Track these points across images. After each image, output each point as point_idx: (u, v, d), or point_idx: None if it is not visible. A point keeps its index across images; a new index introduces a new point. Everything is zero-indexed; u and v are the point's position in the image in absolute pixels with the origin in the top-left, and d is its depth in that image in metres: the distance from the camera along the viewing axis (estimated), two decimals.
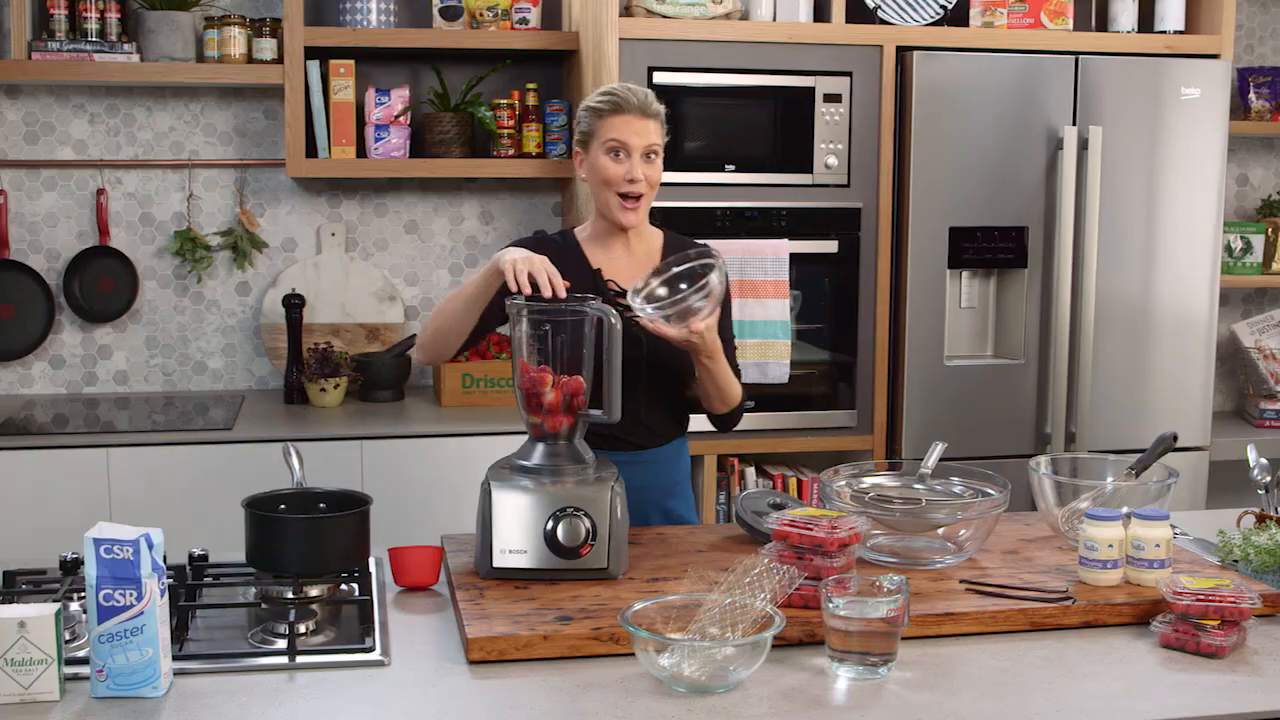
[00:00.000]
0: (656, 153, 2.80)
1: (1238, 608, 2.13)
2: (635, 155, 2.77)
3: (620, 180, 2.78)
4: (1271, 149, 5.02)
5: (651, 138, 2.79)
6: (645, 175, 2.78)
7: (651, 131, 2.79)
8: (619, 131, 2.77)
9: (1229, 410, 5.01)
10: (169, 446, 3.71)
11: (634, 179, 2.77)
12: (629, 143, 2.76)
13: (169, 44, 4.10)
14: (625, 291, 2.76)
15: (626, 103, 2.78)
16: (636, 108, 2.78)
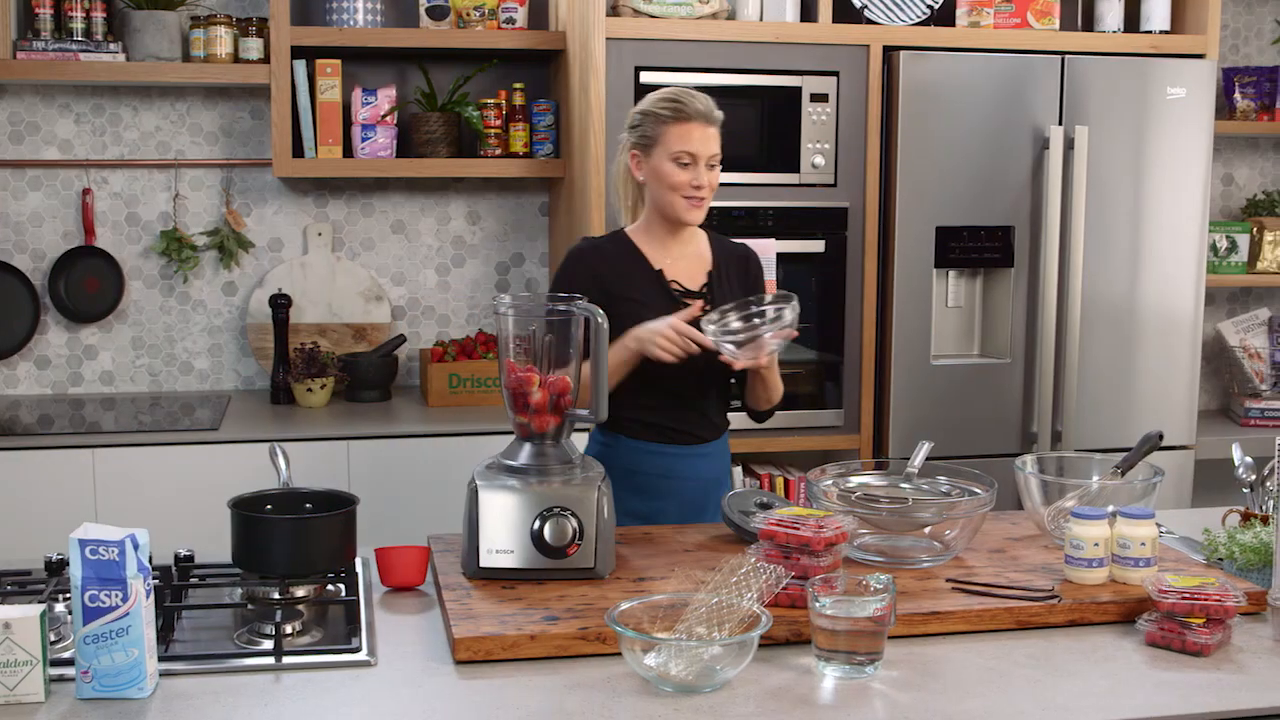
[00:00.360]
0: (718, 162, 2.88)
1: (1223, 606, 2.13)
2: (701, 164, 2.84)
3: (686, 187, 2.85)
4: (1256, 149, 5.04)
5: (714, 147, 2.86)
6: (709, 182, 2.86)
7: (713, 140, 2.86)
8: (685, 142, 2.84)
9: (1214, 409, 5.03)
10: (155, 447, 3.70)
11: (699, 185, 2.85)
12: (696, 153, 2.84)
13: (155, 43, 4.09)
14: (687, 291, 2.92)
15: (693, 111, 2.85)
16: (701, 116, 2.85)
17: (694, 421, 2.97)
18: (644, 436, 2.96)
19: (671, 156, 2.84)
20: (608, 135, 3.83)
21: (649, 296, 2.89)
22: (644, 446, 2.96)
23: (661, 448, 2.96)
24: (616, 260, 2.92)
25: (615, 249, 2.95)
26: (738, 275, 3.01)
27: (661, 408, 2.93)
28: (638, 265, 2.93)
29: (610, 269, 2.91)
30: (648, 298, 2.89)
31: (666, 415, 2.94)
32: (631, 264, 2.93)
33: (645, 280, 2.91)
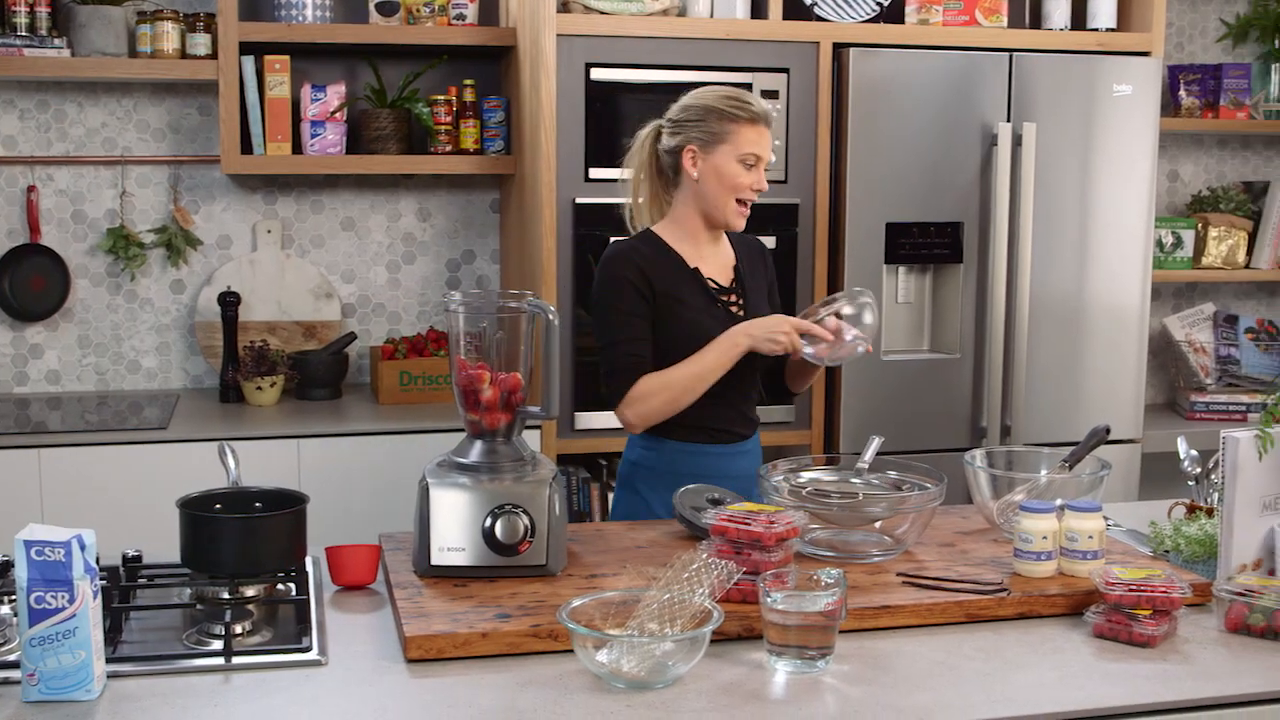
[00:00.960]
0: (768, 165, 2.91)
1: (1169, 597, 2.15)
2: (760, 166, 2.86)
3: (747, 189, 2.86)
4: (1201, 145, 5.09)
5: (771, 150, 2.90)
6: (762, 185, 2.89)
7: (770, 143, 2.89)
8: (756, 145, 2.84)
9: (1160, 403, 5.08)
10: (102, 447, 3.67)
11: (761, 186, 2.87)
12: (762, 155, 2.86)
13: (100, 39, 4.05)
14: (721, 287, 2.93)
15: (762, 114, 2.86)
16: (766, 119, 2.87)
17: (733, 419, 2.96)
18: (687, 438, 2.92)
19: (740, 157, 2.83)
20: (558, 132, 3.83)
21: (690, 295, 2.89)
22: (687, 448, 2.92)
23: (704, 448, 2.93)
24: (655, 260, 2.88)
25: (651, 249, 2.91)
26: (760, 268, 3.05)
27: (703, 408, 2.88)
28: (674, 264, 2.90)
29: (652, 268, 2.87)
30: (689, 296, 2.88)
31: (708, 415, 2.90)
32: (669, 263, 2.90)
33: (684, 279, 2.90)
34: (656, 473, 2.94)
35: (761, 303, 3.00)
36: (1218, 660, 2.09)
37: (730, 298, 2.95)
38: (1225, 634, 2.20)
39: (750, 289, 2.99)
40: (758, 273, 3.03)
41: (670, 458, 2.93)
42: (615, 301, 2.84)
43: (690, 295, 2.88)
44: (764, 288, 3.04)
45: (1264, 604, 2.17)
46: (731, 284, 2.96)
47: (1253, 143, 5.13)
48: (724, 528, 2.22)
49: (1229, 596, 2.21)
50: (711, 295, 2.92)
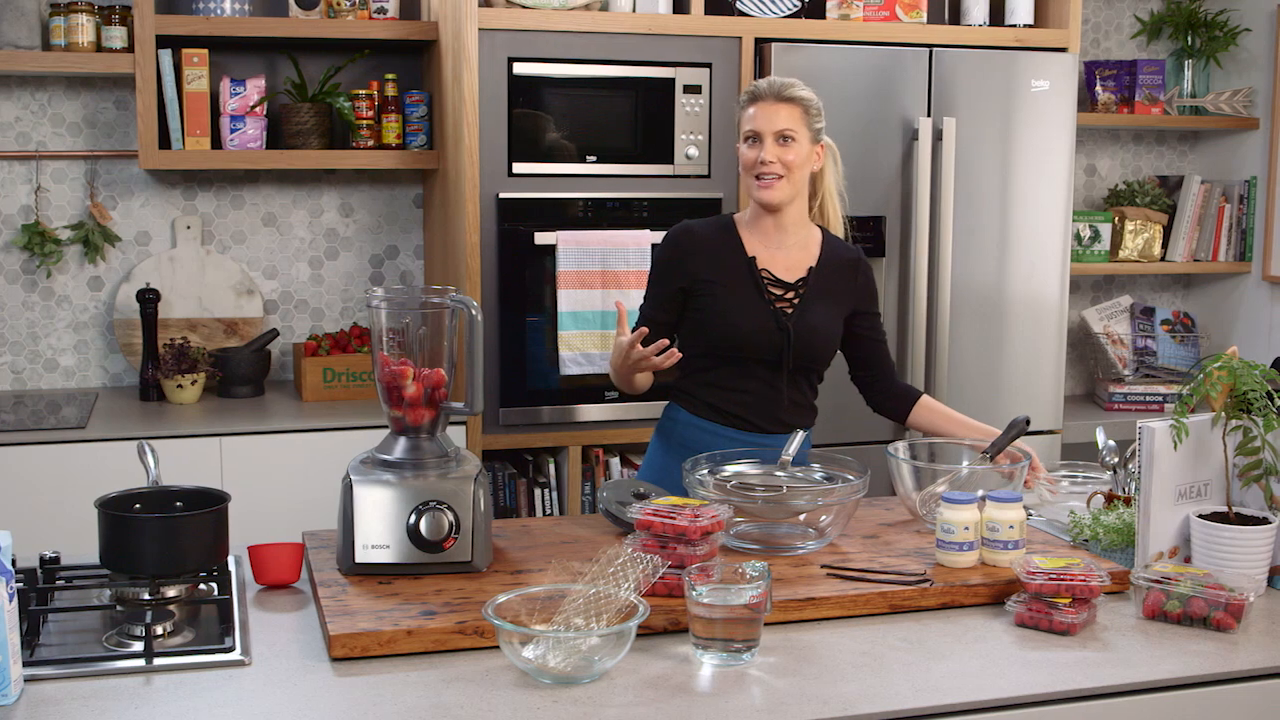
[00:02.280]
0: (792, 136, 2.89)
1: (1088, 586, 2.19)
2: (767, 140, 2.88)
3: (753, 164, 2.90)
4: (1117, 140, 5.17)
5: (783, 122, 2.88)
6: (779, 157, 2.88)
7: (784, 116, 2.89)
8: (753, 121, 2.90)
9: (1080, 394, 5.15)
10: (19, 447, 3.61)
11: (765, 161, 2.87)
12: (760, 129, 2.88)
13: (12, 31, 3.98)
14: (779, 281, 2.95)
15: (760, 91, 2.92)
16: (770, 94, 2.90)
17: (757, 411, 2.97)
18: (700, 413, 2.99)
19: (743, 138, 2.92)
20: (481, 126, 3.81)
21: (733, 280, 2.93)
22: (697, 422, 2.99)
23: (713, 427, 2.98)
24: (709, 243, 2.97)
25: (711, 232, 3.00)
26: (844, 279, 3.01)
27: (724, 389, 2.96)
28: (731, 249, 2.96)
29: (699, 251, 2.96)
30: (732, 281, 2.93)
31: (727, 397, 2.96)
32: (725, 248, 2.96)
33: (734, 265, 2.95)
34: (669, 439, 3.04)
35: (827, 311, 2.98)
36: (1136, 647, 2.12)
37: (784, 293, 2.95)
38: (1143, 621, 2.23)
39: (816, 293, 2.96)
40: (838, 284, 3.00)
41: (683, 429, 3.01)
42: (652, 270, 3.04)
43: (734, 281, 2.94)
44: (841, 300, 3.00)
45: (1180, 591, 2.21)
46: (797, 281, 2.96)
47: (1167, 138, 5.21)
48: (649, 522, 2.22)
49: (1146, 584, 2.24)
50: (759, 286, 2.94)
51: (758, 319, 2.92)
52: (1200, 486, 2.40)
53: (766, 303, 2.94)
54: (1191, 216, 4.98)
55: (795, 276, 2.97)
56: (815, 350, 2.97)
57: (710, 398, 2.98)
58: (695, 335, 2.97)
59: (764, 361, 2.94)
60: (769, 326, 2.92)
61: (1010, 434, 2.75)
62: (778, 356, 2.93)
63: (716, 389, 2.97)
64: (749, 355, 2.93)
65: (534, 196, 3.87)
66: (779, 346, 2.93)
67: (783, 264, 2.98)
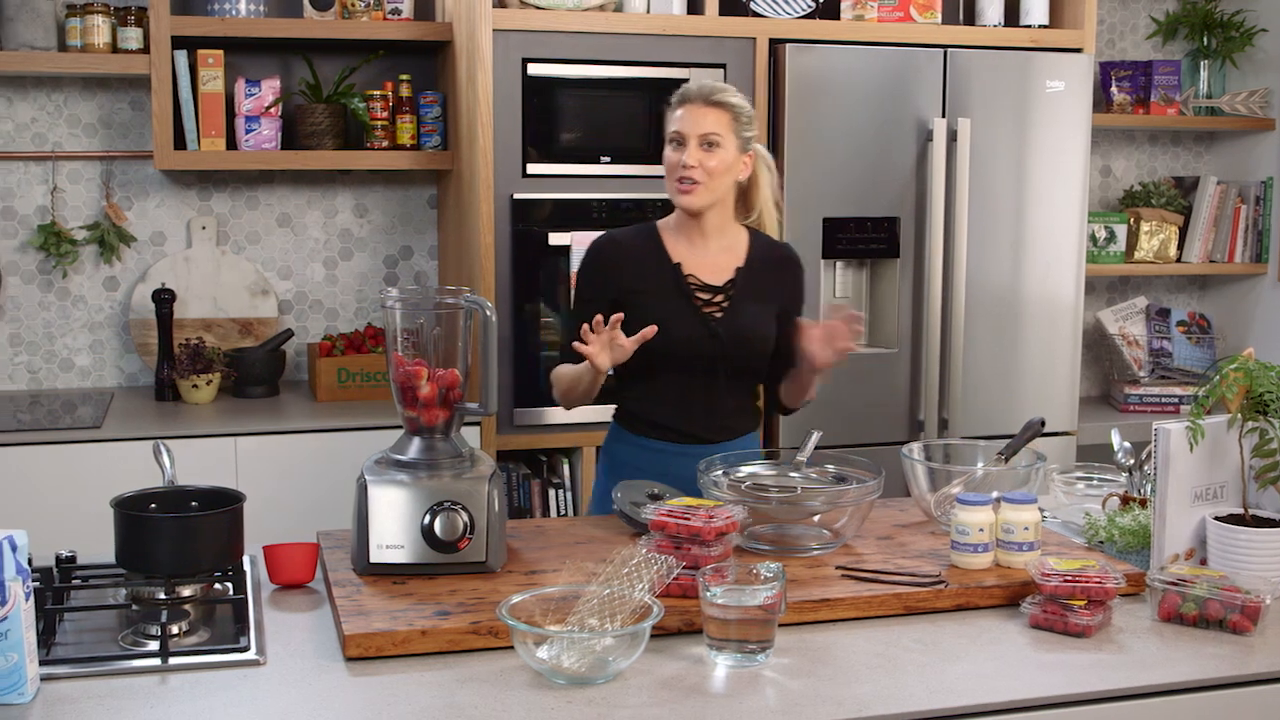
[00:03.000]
0: (717, 142, 2.81)
1: (1103, 588, 2.18)
2: (690, 143, 2.80)
3: (675, 167, 2.83)
4: (1132, 141, 5.15)
5: (709, 126, 2.81)
6: (701, 162, 2.81)
7: (711, 120, 2.81)
8: (678, 123, 2.83)
9: (1095, 396, 5.14)
10: (35, 446, 3.62)
11: (686, 165, 2.80)
12: (684, 132, 2.81)
13: (29, 32, 3.99)
14: (707, 286, 2.88)
15: (688, 93, 2.85)
16: (698, 97, 2.83)
17: (697, 422, 2.90)
18: (640, 431, 2.94)
19: (668, 140, 2.85)
20: (495, 127, 3.82)
21: (661, 290, 2.87)
22: (638, 441, 2.94)
23: (656, 444, 2.92)
24: (633, 253, 2.90)
25: (636, 241, 2.93)
26: (774, 277, 2.96)
27: (662, 403, 2.90)
28: (656, 258, 2.90)
29: (624, 262, 2.89)
30: (659, 291, 2.87)
31: (665, 411, 2.90)
32: (649, 256, 2.90)
33: (660, 273, 2.88)
34: (614, 460, 2.99)
35: (758, 312, 2.92)
36: (1151, 649, 2.12)
37: (712, 297, 2.89)
38: (1159, 623, 2.23)
39: (745, 295, 2.91)
40: (768, 283, 2.94)
41: (626, 450, 2.96)
42: (578, 286, 2.96)
43: (661, 289, 2.87)
44: (771, 298, 2.94)
45: (1196, 593, 2.20)
46: (726, 284, 2.90)
47: (1183, 138, 5.20)
48: (664, 522, 2.22)
49: (1162, 586, 2.23)
50: (686, 292, 2.88)
51: (687, 326, 2.85)
52: (1216, 488, 2.39)
53: (695, 309, 2.87)
54: (1207, 217, 4.97)
55: (723, 279, 2.90)
56: (749, 353, 2.91)
57: (650, 414, 2.92)
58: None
59: (699, 370, 2.87)
60: (700, 333, 2.86)
61: (1025, 435, 2.74)
62: (712, 363, 2.87)
63: (654, 403, 2.91)
64: (683, 365, 2.86)
65: (548, 197, 3.87)
66: (712, 353, 2.86)
67: (709, 268, 2.90)
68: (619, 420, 3.01)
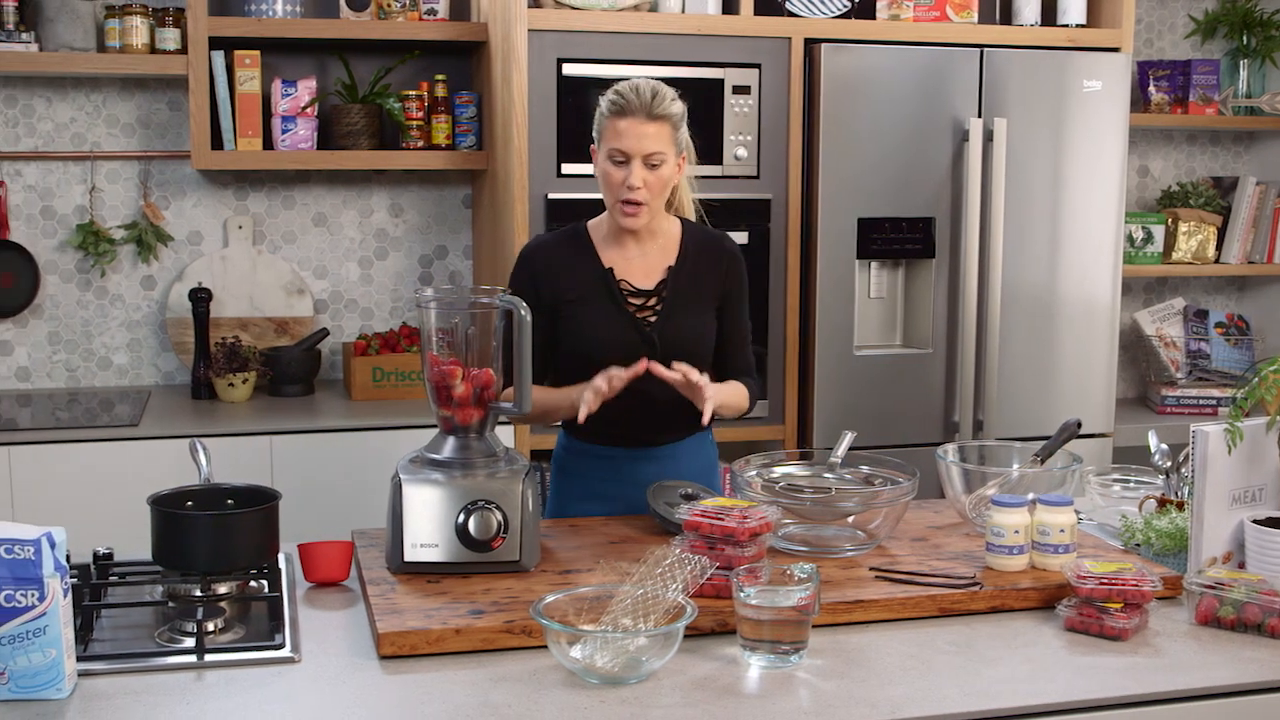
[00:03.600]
0: (662, 159, 2.70)
1: (1140, 591, 2.17)
2: (635, 162, 2.68)
3: (619, 187, 2.70)
4: (1171, 141, 5.12)
5: (653, 144, 2.68)
6: (646, 182, 2.69)
7: (654, 138, 2.68)
8: (619, 139, 2.68)
9: (1131, 397, 5.11)
10: (73, 444, 3.65)
11: (631, 186, 2.68)
12: (628, 149, 2.68)
13: (69, 33, 4.03)
14: (638, 290, 2.81)
15: (629, 105, 2.68)
16: (640, 110, 2.68)
17: (641, 425, 2.82)
18: (587, 439, 2.89)
19: (608, 154, 2.71)
20: (530, 127, 3.82)
21: (592, 296, 2.79)
22: (588, 449, 2.90)
23: (605, 450, 2.87)
24: (563, 259, 2.81)
25: (565, 247, 2.84)
26: (709, 269, 2.86)
27: (605, 409, 2.69)
28: (586, 263, 2.81)
29: (554, 269, 2.80)
30: (591, 297, 2.79)
31: (609, 417, 2.72)
32: (580, 262, 2.81)
33: (591, 279, 2.80)
34: (564, 470, 2.96)
35: (696, 311, 2.84)
36: (1188, 653, 2.10)
37: (645, 301, 2.81)
38: (1196, 627, 2.21)
39: (678, 296, 2.82)
40: (703, 277, 2.85)
41: (575, 458, 2.93)
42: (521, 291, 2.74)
43: (595, 296, 2.79)
44: (708, 293, 2.85)
45: (1234, 597, 2.18)
46: (657, 285, 2.82)
47: (1221, 138, 5.16)
48: (698, 523, 2.22)
49: (1199, 590, 2.22)
50: (617, 298, 2.79)
51: (620, 333, 2.77)
52: (1254, 491, 2.38)
53: (627, 315, 2.79)
54: (1246, 218, 4.93)
55: (654, 280, 2.82)
56: (686, 356, 2.75)
57: (595, 421, 2.70)
58: (564, 358, 2.82)
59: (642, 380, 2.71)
60: (633, 339, 2.77)
61: (1061, 437, 2.73)
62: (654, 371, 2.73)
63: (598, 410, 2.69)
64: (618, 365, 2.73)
65: (583, 197, 3.87)
66: (648, 358, 2.71)
67: (640, 271, 2.82)
68: (566, 428, 2.95)
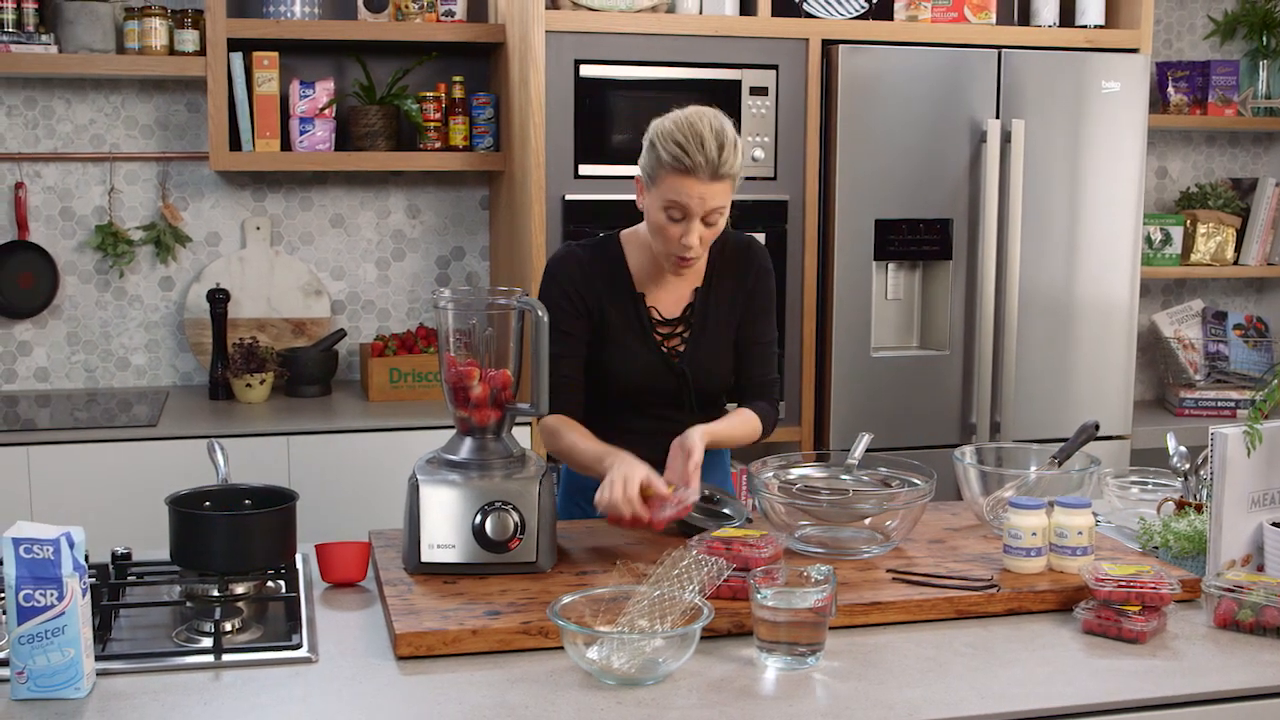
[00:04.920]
0: (721, 215, 2.59)
1: (1158, 593, 2.16)
2: (694, 222, 2.56)
3: (674, 242, 2.58)
4: (1189, 142, 5.10)
5: (715, 202, 2.55)
6: (703, 238, 2.59)
7: (718, 195, 2.55)
8: (679, 195, 2.54)
9: (1149, 399, 5.09)
10: (91, 444, 3.66)
11: (688, 244, 2.57)
12: (689, 207, 2.54)
13: (88, 35, 4.04)
14: (664, 320, 2.74)
15: (695, 166, 2.51)
16: (705, 170, 2.51)
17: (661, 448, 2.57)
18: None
19: (664, 205, 2.56)
20: (547, 128, 3.83)
21: (626, 320, 2.71)
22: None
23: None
24: (599, 273, 2.71)
25: (602, 260, 2.74)
26: (735, 281, 2.77)
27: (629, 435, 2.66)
28: (619, 284, 2.72)
29: (591, 282, 2.71)
30: (625, 321, 2.71)
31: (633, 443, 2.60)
32: (613, 281, 2.72)
33: (623, 302, 2.71)
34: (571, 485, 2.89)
35: (719, 338, 2.76)
36: (1206, 656, 2.09)
37: (674, 329, 2.74)
38: (1214, 630, 2.20)
39: (706, 320, 2.75)
40: (733, 296, 2.77)
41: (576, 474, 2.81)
42: (553, 316, 2.57)
43: (626, 320, 2.72)
44: (733, 310, 2.77)
45: (1252, 600, 2.17)
46: (685, 310, 2.76)
47: (1240, 139, 5.14)
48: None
49: (1218, 592, 2.21)
50: (646, 327, 2.73)
51: (649, 363, 2.71)
52: (1274, 494, 2.37)
53: (655, 345, 2.72)
54: (1265, 219, 4.91)
55: (682, 306, 2.75)
56: (715, 387, 2.76)
57: (616, 442, 2.61)
58: (594, 377, 2.74)
59: (666, 404, 2.74)
60: (661, 370, 2.72)
61: (1079, 439, 2.72)
62: (678, 398, 2.73)
63: (619, 432, 2.68)
64: (647, 400, 2.73)
65: (600, 198, 3.87)
66: (678, 391, 2.72)
67: (671, 298, 2.74)
68: None
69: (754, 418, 2.77)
